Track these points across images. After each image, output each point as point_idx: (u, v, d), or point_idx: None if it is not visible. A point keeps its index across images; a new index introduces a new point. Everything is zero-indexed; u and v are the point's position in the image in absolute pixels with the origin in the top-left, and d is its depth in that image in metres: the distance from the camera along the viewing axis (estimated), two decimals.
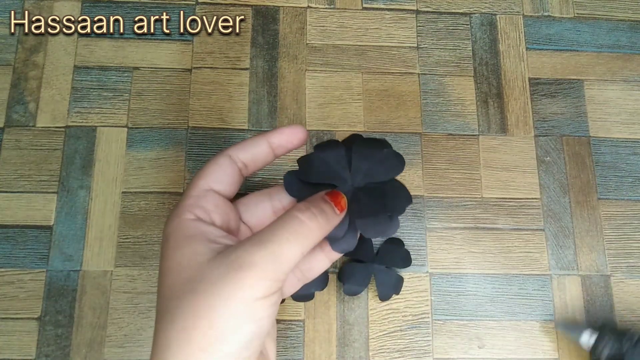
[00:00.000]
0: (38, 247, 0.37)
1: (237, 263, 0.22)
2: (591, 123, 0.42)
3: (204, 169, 0.27)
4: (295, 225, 0.24)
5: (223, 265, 0.22)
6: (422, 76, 0.43)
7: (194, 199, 0.26)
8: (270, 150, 0.28)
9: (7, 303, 0.36)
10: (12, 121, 0.40)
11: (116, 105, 0.40)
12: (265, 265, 0.22)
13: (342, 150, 0.28)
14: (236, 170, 0.27)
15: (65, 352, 0.36)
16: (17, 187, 0.38)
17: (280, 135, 0.28)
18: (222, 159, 0.27)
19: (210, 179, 0.27)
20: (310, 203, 0.26)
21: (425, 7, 0.44)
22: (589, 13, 0.45)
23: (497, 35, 0.44)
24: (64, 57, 0.41)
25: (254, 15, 0.43)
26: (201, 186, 0.26)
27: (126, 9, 0.42)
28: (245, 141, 0.28)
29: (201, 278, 0.22)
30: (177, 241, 0.24)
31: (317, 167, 0.28)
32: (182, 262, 0.23)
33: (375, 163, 0.28)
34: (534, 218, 0.40)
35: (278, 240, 0.23)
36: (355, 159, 0.28)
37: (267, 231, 0.24)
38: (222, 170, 0.27)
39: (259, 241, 0.23)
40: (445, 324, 0.38)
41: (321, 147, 0.28)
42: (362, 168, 0.28)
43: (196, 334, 0.21)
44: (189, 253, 0.24)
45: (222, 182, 0.27)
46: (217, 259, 0.23)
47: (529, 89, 0.43)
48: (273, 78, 0.42)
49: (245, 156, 0.28)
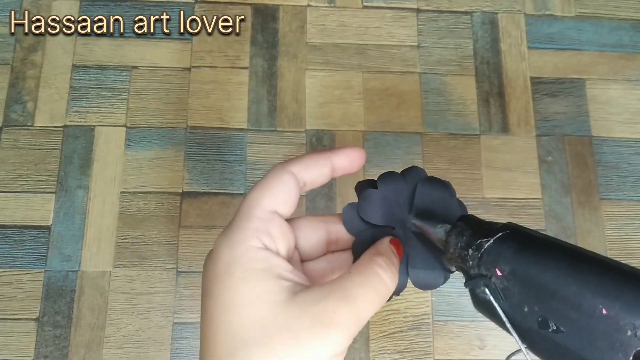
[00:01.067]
0: (36, 247, 0.37)
1: (325, 320, 0.21)
2: (593, 122, 0.42)
3: (267, 186, 0.25)
4: (378, 284, 0.23)
5: (307, 317, 0.21)
6: (423, 75, 0.42)
7: (260, 222, 0.23)
8: (331, 172, 0.27)
9: (5, 304, 0.36)
10: (10, 121, 0.39)
11: (115, 105, 0.40)
12: (350, 325, 0.22)
13: (404, 186, 0.27)
14: (299, 191, 0.25)
15: (63, 353, 0.35)
16: (15, 187, 0.38)
17: (345, 158, 0.26)
18: (287, 176, 0.25)
19: (275, 200, 0.24)
20: (387, 258, 0.24)
21: (426, 5, 0.44)
22: (591, 12, 0.45)
23: (498, 34, 0.44)
24: (63, 56, 0.41)
25: (254, 14, 0.43)
26: (266, 207, 0.24)
27: (125, 8, 0.42)
28: (307, 158, 0.26)
29: (280, 324, 0.21)
30: (245, 273, 0.22)
31: (378, 206, 0.27)
32: (253, 299, 0.22)
33: (438, 209, 0.27)
34: (535, 218, 0.40)
35: (362, 301, 0.22)
36: (417, 200, 0.27)
37: (353, 287, 0.23)
38: (287, 190, 0.25)
39: (346, 298, 0.22)
40: (446, 325, 0.37)
41: (384, 182, 0.28)
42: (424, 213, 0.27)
43: None
44: (261, 290, 0.22)
45: (286, 205, 0.24)
46: (295, 305, 0.22)
47: (530, 88, 0.42)
48: (273, 77, 0.41)
49: (307, 177, 0.26)
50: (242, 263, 0.22)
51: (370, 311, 0.22)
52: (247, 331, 0.21)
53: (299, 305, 0.22)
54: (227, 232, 0.23)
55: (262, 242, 0.23)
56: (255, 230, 0.23)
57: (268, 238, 0.23)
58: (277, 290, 0.22)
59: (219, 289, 0.22)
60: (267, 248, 0.23)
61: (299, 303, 0.22)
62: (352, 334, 0.22)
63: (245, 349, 0.21)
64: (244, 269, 0.22)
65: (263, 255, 0.23)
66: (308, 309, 0.22)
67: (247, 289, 0.22)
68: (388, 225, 0.27)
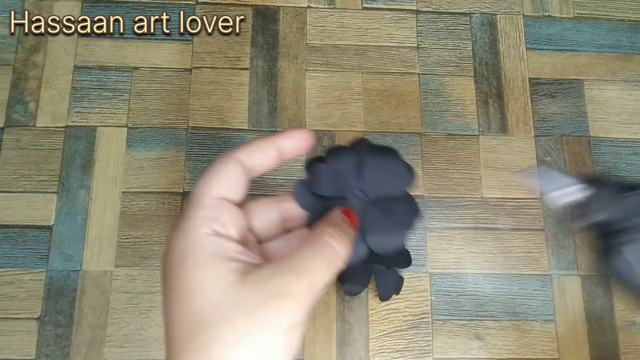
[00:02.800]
0: (38, 247, 0.37)
1: (277, 292, 0.22)
2: (591, 123, 0.42)
3: (213, 174, 0.25)
4: (328, 253, 0.24)
5: (261, 292, 0.22)
6: (422, 76, 0.43)
7: (208, 210, 0.24)
8: (277, 156, 0.27)
9: (7, 303, 0.36)
10: (12, 121, 0.40)
11: (116, 105, 0.40)
12: (304, 295, 0.22)
13: (351, 158, 0.28)
14: (246, 176, 0.26)
15: (65, 352, 0.36)
16: (17, 187, 0.38)
17: (291, 140, 0.27)
18: (231, 163, 0.26)
19: (222, 187, 0.25)
20: (337, 227, 0.25)
21: (426, 7, 0.44)
22: (589, 13, 0.45)
23: (497, 35, 0.44)
24: (64, 57, 0.41)
25: (254, 15, 0.43)
26: (213, 194, 0.25)
27: (126, 9, 0.42)
28: (252, 144, 0.27)
29: (235, 304, 0.22)
30: (197, 260, 0.23)
31: (328, 179, 0.27)
32: (207, 283, 0.22)
33: (386, 175, 0.28)
34: (534, 218, 0.40)
35: (315, 270, 0.23)
36: (366, 169, 0.28)
37: (304, 258, 0.23)
38: (233, 177, 0.25)
39: (297, 270, 0.23)
40: (445, 324, 0.38)
41: (332, 156, 0.28)
42: (372, 179, 0.27)
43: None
44: (213, 274, 0.23)
45: (234, 190, 0.25)
46: (250, 283, 0.22)
47: (529, 89, 0.43)
48: (273, 78, 0.42)
49: (253, 162, 0.26)
50: (194, 251, 0.23)
51: (323, 280, 0.23)
52: (204, 314, 0.22)
53: (252, 283, 0.22)
54: (179, 223, 0.24)
55: (211, 228, 0.24)
56: (204, 218, 0.24)
57: (218, 224, 0.24)
58: (229, 272, 0.22)
59: (174, 278, 0.23)
60: (217, 234, 0.24)
61: (251, 281, 0.22)
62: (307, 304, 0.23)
63: (204, 331, 0.21)
64: (195, 256, 0.23)
65: (213, 241, 0.23)
66: (260, 285, 0.22)
67: (200, 275, 0.22)
68: (340, 196, 0.27)
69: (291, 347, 0.23)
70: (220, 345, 0.21)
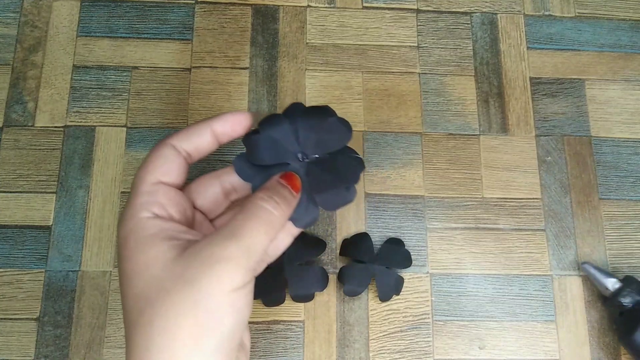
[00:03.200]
0: (37, 247, 0.37)
1: (213, 258, 0.22)
2: (592, 123, 0.42)
3: (148, 162, 0.26)
4: (261, 214, 0.24)
5: (197, 262, 0.22)
6: (423, 76, 0.42)
7: (146, 195, 0.25)
8: (214, 139, 0.28)
9: (5, 303, 0.36)
10: (11, 121, 0.39)
11: (115, 105, 0.40)
12: (239, 258, 0.23)
13: (286, 124, 0.27)
14: (182, 160, 0.27)
15: (64, 353, 0.35)
16: (16, 187, 0.38)
17: (225, 123, 0.28)
18: (165, 149, 0.26)
19: (157, 172, 0.26)
20: (270, 191, 0.26)
21: (426, 6, 0.44)
22: (590, 12, 0.45)
23: (498, 35, 0.44)
24: (63, 57, 0.41)
25: (254, 15, 0.43)
26: (149, 180, 0.26)
27: (125, 9, 0.42)
28: (187, 130, 0.27)
29: (174, 277, 0.22)
30: (138, 242, 0.24)
31: (265, 148, 0.27)
32: (148, 262, 0.23)
33: (323, 133, 0.27)
34: (535, 218, 0.40)
35: (249, 233, 0.23)
36: (302, 131, 0.27)
37: (236, 224, 0.24)
38: (168, 162, 0.26)
39: (230, 235, 0.23)
40: (445, 324, 0.37)
41: (266, 125, 0.28)
42: (311, 140, 0.27)
43: (181, 332, 0.21)
44: (153, 253, 0.23)
45: (170, 174, 0.26)
46: (187, 256, 0.23)
47: (530, 88, 0.43)
48: (273, 77, 0.41)
49: (188, 146, 0.27)
50: (135, 234, 0.24)
51: (260, 240, 0.24)
52: (148, 291, 0.22)
53: (190, 255, 0.23)
54: (122, 212, 0.25)
55: (151, 212, 0.25)
56: (143, 203, 0.25)
57: (157, 207, 0.25)
58: (169, 250, 0.23)
59: (121, 262, 0.24)
60: (157, 216, 0.25)
61: (189, 253, 0.23)
62: (246, 266, 0.23)
63: (150, 306, 0.22)
64: (136, 239, 0.24)
65: (153, 223, 0.24)
66: (197, 255, 0.23)
67: (142, 255, 0.23)
68: (282, 162, 0.27)
69: (239, 311, 0.23)
70: (164, 318, 0.22)
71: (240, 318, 0.23)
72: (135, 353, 0.22)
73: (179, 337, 0.21)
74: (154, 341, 0.22)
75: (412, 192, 0.40)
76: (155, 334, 0.22)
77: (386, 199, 0.39)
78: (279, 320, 0.37)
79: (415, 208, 0.40)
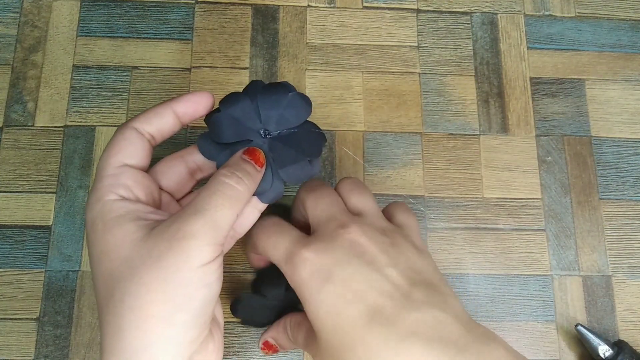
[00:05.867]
0: (37, 247, 0.37)
1: (180, 235, 0.23)
2: (592, 123, 0.42)
3: (111, 145, 0.26)
4: (225, 190, 0.24)
5: (164, 240, 0.23)
6: (423, 75, 0.42)
7: (111, 178, 0.25)
8: (176, 120, 0.28)
9: (5, 303, 0.36)
10: (11, 121, 0.39)
11: (115, 105, 0.40)
12: (206, 233, 0.23)
13: (247, 101, 0.28)
14: (145, 142, 0.27)
15: (64, 353, 0.35)
16: (16, 187, 0.38)
17: (187, 104, 0.28)
18: (128, 132, 0.26)
19: (121, 155, 0.26)
20: (232, 167, 0.26)
21: (426, 6, 0.44)
22: (590, 12, 0.45)
23: (498, 35, 0.44)
24: (63, 57, 0.41)
25: (254, 14, 0.43)
26: (114, 164, 0.26)
27: (125, 9, 0.42)
28: (149, 111, 0.28)
29: (142, 255, 0.23)
30: (105, 224, 0.24)
31: (227, 126, 0.27)
32: (117, 243, 0.23)
33: (284, 109, 0.28)
34: (535, 218, 0.40)
35: (213, 208, 0.24)
36: (263, 108, 0.28)
37: (201, 200, 0.24)
38: (131, 144, 0.26)
39: (195, 211, 0.23)
40: None
41: (226, 104, 0.28)
42: (272, 117, 0.28)
43: (152, 308, 0.22)
44: (121, 234, 0.23)
45: (134, 157, 0.26)
46: (154, 234, 0.23)
47: (530, 88, 0.43)
48: (273, 77, 0.41)
49: (151, 129, 0.27)
50: (101, 217, 0.24)
51: (225, 214, 0.24)
52: (117, 271, 0.23)
53: (157, 233, 0.23)
54: (88, 197, 0.26)
55: (117, 194, 0.25)
56: (108, 186, 0.25)
57: (123, 189, 0.25)
58: (136, 230, 0.23)
59: (90, 246, 0.24)
60: (123, 198, 0.25)
61: (157, 231, 0.23)
62: (213, 241, 0.23)
63: (120, 286, 0.22)
64: (103, 221, 0.24)
65: (119, 205, 0.24)
66: (164, 233, 0.23)
67: (110, 237, 0.24)
68: (244, 139, 0.28)
69: (208, 286, 0.23)
70: (134, 295, 0.22)
71: (210, 293, 0.23)
72: (107, 332, 0.22)
73: (150, 314, 0.22)
74: (125, 318, 0.22)
75: (412, 192, 0.40)
76: (127, 311, 0.22)
77: (386, 199, 0.39)
78: None
79: (415, 208, 0.39)
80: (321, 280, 0.25)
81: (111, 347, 0.22)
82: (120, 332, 0.22)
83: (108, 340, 0.22)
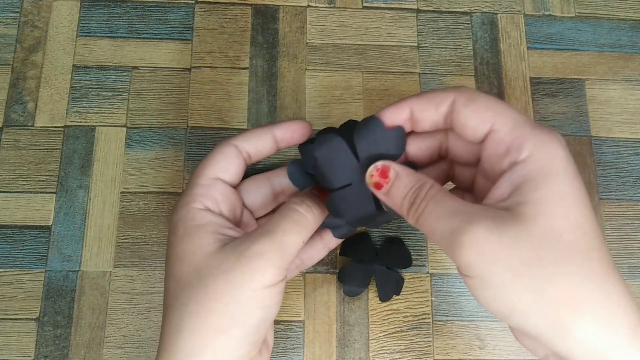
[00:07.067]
0: (37, 247, 0.37)
1: (248, 252, 0.24)
2: (592, 123, 0.42)
3: (210, 158, 0.28)
4: (294, 216, 0.26)
5: (234, 255, 0.24)
6: (423, 75, 0.42)
7: (203, 188, 0.27)
8: (274, 144, 0.30)
9: (5, 303, 0.36)
10: (11, 121, 0.39)
11: (115, 105, 0.40)
12: (273, 254, 0.24)
13: (342, 141, 0.28)
14: (241, 160, 0.29)
15: (64, 353, 0.35)
16: (16, 187, 0.38)
17: (286, 130, 0.30)
18: (228, 148, 0.28)
19: (217, 168, 0.28)
20: (304, 196, 0.28)
21: (426, 6, 0.44)
22: (590, 12, 0.45)
23: (498, 35, 0.44)
24: (63, 57, 0.41)
25: (254, 14, 0.43)
26: (209, 175, 0.27)
27: (125, 9, 0.42)
28: (250, 132, 0.29)
29: (211, 266, 0.24)
30: (186, 230, 0.25)
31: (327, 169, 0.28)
32: (192, 250, 0.25)
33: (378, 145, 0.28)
34: None
35: (282, 231, 0.25)
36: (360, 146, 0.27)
37: (271, 223, 0.26)
38: (228, 159, 0.28)
39: (265, 232, 0.25)
40: (445, 324, 0.37)
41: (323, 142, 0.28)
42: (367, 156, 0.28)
43: (211, 316, 0.23)
44: (197, 242, 0.25)
45: (228, 172, 0.28)
46: (226, 249, 0.24)
47: (530, 88, 0.43)
48: (273, 77, 0.41)
49: (250, 148, 0.29)
50: (184, 222, 0.26)
51: (292, 239, 0.25)
52: (187, 276, 0.24)
53: (229, 249, 0.25)
54: (178, 200, 0.27)
55: (204, 204, 0.26)
56: (197, 195, 0.27)
57: (210, 201, 0.27)
58: (211, 242, 0.25)
59: (169, 247, 0.26)
60: (208, 209, 0.26)
61: (228, 248, 0.25)
62: (279, 264, 0.24)
63: (186, 291, 0.24)
64: (185, 227, 0.26)
65: (203, 215, 0.26)
66: (235, 249, 0.24)
67: (186, 243, 0.25)
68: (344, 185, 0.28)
69: (267, 308, 0.24)
70: (198, 302, 0.23)
71: (267, 315, 0.24)
72: (167, 331, 0.24)
73: (208, 322, 0.23)
74: (185, 322, 0.23)
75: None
76: (187, 315, 0.23)
77: None
78: (279, 320, 0.37)
79: None
80: None
81: (168, 346, 0.24)
82: (178, 333, 0.23)
83: (166, 339, 0.24)
